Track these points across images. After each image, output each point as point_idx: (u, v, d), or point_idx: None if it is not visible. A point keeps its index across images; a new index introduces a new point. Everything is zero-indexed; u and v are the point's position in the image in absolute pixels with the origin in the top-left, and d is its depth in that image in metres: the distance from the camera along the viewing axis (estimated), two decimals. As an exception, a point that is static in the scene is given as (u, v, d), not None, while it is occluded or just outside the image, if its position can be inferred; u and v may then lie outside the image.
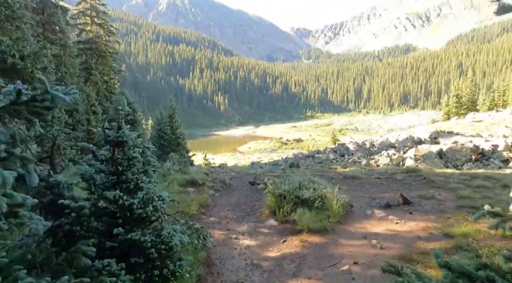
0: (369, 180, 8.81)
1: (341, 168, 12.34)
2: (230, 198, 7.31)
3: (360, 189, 7.58)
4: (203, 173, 9.87)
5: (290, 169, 14.03)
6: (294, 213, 5.09)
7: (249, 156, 60.00)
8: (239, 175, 12.89)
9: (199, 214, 5.50)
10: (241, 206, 6.50)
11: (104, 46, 22.62)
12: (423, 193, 6.47)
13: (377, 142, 23.01)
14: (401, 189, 7.15)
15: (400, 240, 4.38)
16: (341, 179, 9.27)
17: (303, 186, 5.42)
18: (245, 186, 8.86)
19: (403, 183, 8.02)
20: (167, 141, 21.35)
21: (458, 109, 56.36)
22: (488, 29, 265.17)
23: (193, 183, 7.78)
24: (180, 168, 8.48)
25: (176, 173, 8.03)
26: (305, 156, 23.23)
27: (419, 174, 9.35)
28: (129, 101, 16.71)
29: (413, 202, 5.85)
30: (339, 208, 4.94)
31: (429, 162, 13.24)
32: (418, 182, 8.05)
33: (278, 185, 5.55)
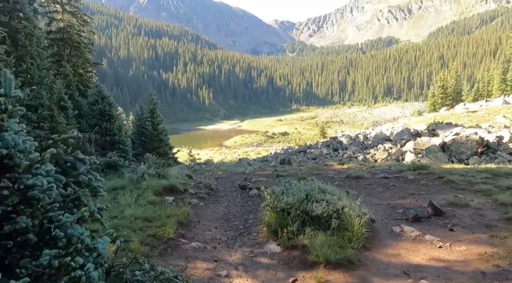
0: (376, 180, 7.66)
1: (338, 165, 11.23)
2: (218, 208, 6.01)
3: (371, 193, 6.42)
4: (185, 175, 8.54)
5: (282, 166, 12.84)
6: (302, 235, 3.87)
7: (236, 150, 58.78)
8: (226, 174, 11.62)
9: (177, 238, 4.20)
10: (231, 220, 5.23)
11: (78, 36, 20.82)
12: (449, 198, 5.36)
13: (371, 135, 21.94)
14: (421, 193, 6.04)
15: (458, 278, 3.14)
16: (343, 179, 8.13)
17: (311, 197, 4.19)
18: (235, 191, 7.59)
19: (418, 184, 6.91)
20: (148, 137, 19.83)
21: (444, 100, 56.40)
22: (468, 21, 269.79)
23: (172, 190, 6.46)
24: (158, 171, 7.14)
25: (151, 179, 6.70)
26: (296, 151, 22.03)
27: (430, 172, 8.28)
28: (105, 95, 15.14)
29: (445, 212, 4.73)
30: (362, 228, 3.75)
31: (432, 156, 12.27)
32: (435, 183, 6.95)
33: (279, 195, 4.32)
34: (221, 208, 6.00)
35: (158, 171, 7.14)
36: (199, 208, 5.83)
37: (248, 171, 11.27)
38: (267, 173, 10.78)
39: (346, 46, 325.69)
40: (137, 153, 19.45)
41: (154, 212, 4.95)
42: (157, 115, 20.37)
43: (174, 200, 6.02)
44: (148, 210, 5.03)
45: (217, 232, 4.67)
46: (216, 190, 7.36)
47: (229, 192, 7.55)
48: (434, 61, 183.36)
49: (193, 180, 8.13)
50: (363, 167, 10.16)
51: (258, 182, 8.70)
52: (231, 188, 7.97)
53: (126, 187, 6.40)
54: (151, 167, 7.24)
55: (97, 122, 14.63)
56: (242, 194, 7.18)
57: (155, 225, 4.44)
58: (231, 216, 5.49)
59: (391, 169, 9.26)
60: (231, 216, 5.49)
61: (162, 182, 6.56)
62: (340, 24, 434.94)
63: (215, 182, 8.84)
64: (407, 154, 13.69)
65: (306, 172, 9.95)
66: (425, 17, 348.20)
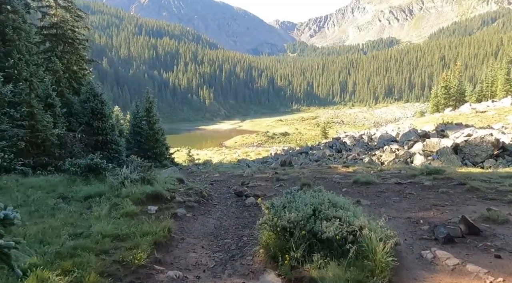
0: (389, 187, 6.79)
1: (343, 168, 10.38)
2: (208, 220, 5.13)
3: (385, 202, 5.55)
4: (176, 179, 7.70)
5: (282, 168, 12.01)
6: (309, 263, 3.01)
7: (236, 150, 58.04)
8: (223, 177, 10.78)
9: (151, 265, 3.32)
10: (222, 237, 4.35)
11: (72, 32, 19.99)
12: (482, 211, 4.50)
13: (376, 135, 20.92)
14: (444, 204, 5.18)
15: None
16: (350, 185, 7.27)
17: (320, 213, 3.35)
18: (230, 198, 6.74)
19: (438, 192, 6.04)
20: (144, 137, 19.03)
21: (447, 100, 55.65)
22: (469, 22, 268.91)
23: (156, 198, 5.60)
24: (143, 175, 6.29)
25: (134, 185, 5.84)
26: (297, 152, 21.07)
27: (447, 177, 7.43)
28: (97, 93, 14.31)
29: (482, 229, 3.89)
30: (387, 256, 2.89)
31: (444, 159, 11.40)
32: (457, 191, 6.08)
33: (280, 210, 3.47)
34: (212, 220, 5.14)
35: (143, 176, 6.29)
36: (185, 221, 4.98)
37: (246, 173, 10.43)
38: (266, 176, 9.95)
39: (347, 47, 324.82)
40: (132, 154, 18.62)
41: (129, 228, 4.09)
42: (153, 114, 19.56)
43: (158, 211, 5.18)
44: (121, 225, 4.17)
45: (204, 253, 3.81)
46: (209, 198, 6.50)
47: (223, 199, 6.70)
48: (435, 62, 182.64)
49: (184, 185, 7.29)
50: (370, 170, 9.33)
51: (256, 187, 7.85)
52: (226, 195, 7.12)
53: (104, 195, 5.56)
54: (135, 171, 6.40)
55: (88, 121, 13.83)
56: (238, 202, 6.34)
57: (126, 246, 3.59)
58: (222, 231, 4.64)
59: (401, 173, 8.42)
60: (222, 231, 4.64)
61: (146, 188, 5.70)
62: (341, 24, 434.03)
63: (209, 188, 8.00)
64: (416, 157, 12.84)
65: (309, 175, 9.11)
66: (426, 18, 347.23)
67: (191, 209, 5.60)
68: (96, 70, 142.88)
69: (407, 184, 6.87)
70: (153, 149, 18.88)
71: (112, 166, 7.28)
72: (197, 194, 6.33)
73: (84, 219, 4.50)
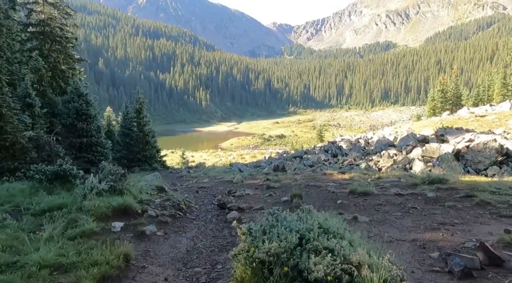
0: (389, 198, 6.11)
1: (339, 174, 9.73)
2: (181, 240, 4.36)
3: (385, 218, 4.85)
4: (155, 188, 6.98)
5: (275, 174, 11.33)
6: (292, 312, 2.34)
7: (231, 153, 57.36)
8: (211, 183, 10.09)
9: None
10: (193, 264, 3.58)
11: (60, 30, 19.25)
12: (498, 231, 3.83)
13: (373, 139, 20.19)
14: (454, 222, 4.48)
15: None
16: (346, 196, 6.59)
17: (308, 242, 2.66)
18: (212, 211, 6.02)
19: (445, 207, 5.37)
20: (133, 139, 18.28)
21: (443, 104, 55.40)
22: (465, 26, 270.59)
23: (124, 213, 4.91)
24: (113, 185, 5.55)
25: (98, 197, 5.10)
26: (291, 156, 20.32)
27: (452, 187, 6.79)
28: (82, 92, 13.56)
29: (504, 259, 3.23)
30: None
31: (445, 166, 10.77)
32: (466, 205, 5.41)
33: (259, 237, 2.77)
34: (185, 240, 4.43)
35: (114, 185, 5.57)
36: (153, 241, 4.24)
37: (236, 180, 9.75)
38: (257, 183, 9.28)
39: (344, 50, 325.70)
40: (121, 156, 17.95)
41: (78, 254, 3.37)
42: (143, 115, 18.82)
43: (123, 228, 4.47)
44: (70, 250, 3.43)
45: (166, 289, 3.12)
46: (187, 210, 5.79)
47: (203, 212, 5.97)
48: (432, 66, 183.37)
49: (162, 195, 6.56)
50: (367, 178, 8.68)
51: (244, 197, 7.18)
52: (208, 206, 6.42)
53: (65, 208, 4.83)
54: (105, 180, 5.68)
55: (72, 122, 13.09)
56: (219, 216, 5.66)
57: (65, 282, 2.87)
58: (194, 255, 3.89)
59: (401, 182, 7.78)
60: (194, 255, 3.89)
61: (114, 200, 4.97)
62: (338, 27, 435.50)
63: (192, 197, 7.31)
64: (415, 163, 12.20)
65: (302, 183, 8.45)
66: (423, 22, 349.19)
67: (163, 226, 4.93)
68: (92, 71, 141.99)
69: (408, 196, 6.21)
70: (143, 152, 18.16)
71: (82, 174, 6.55)
72: (174, 207, 5.61)
73: (31, 240, 3.76)
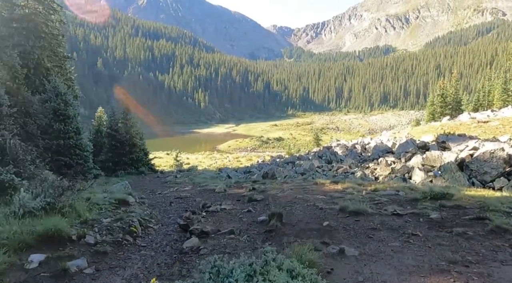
0: (385, 221, 5.22)
1: (331, 184, 8.95)
2: (113, 281, 3.54)
3: (380, 251, 3.89)
4: (115, 202, 6.05)
5: (263, 181, 10.57)
6: None
7: (227, 155, 56.61)
8: (192, 192, 9.35)
9: None
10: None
11: (45, 26, 18.42)
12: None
13: (370, 145, 19.20)
14: (466, 258, 3.62)
15: None
16: (335, 215, 5.64)
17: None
18: (171, 234, 5.11)
19: (453, 235, 4.48)
20: (119, 141, 17.46)
21: (443, 108, 54.70)
22: (464, 32, 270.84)
23: (52, 240, 3.97)
24: (51, 202, 4.57)
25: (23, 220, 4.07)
26: (284, 162, 19.38)
27: (458, 205, 5.97)
28: (60, 91, 12.77)
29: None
30: None
31: (448, 176, 9.94)
32: (479, 232, 4.51)
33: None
34: (120, 281, 3.53)
35: (52, 202, 4.63)
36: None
37: (218, 189, 8.98)
38: (240, 193, 8.51)
39: (344, 53, 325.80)
40: (107, 159, 17.13)
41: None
42: (131, 116, 18.00)
43: (43, 263, 3.55)
44: None
45: None
46: (141, 233, 4.93)
47: (161, 236, 5.12)
48: (431, 70, 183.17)
49: (120, 211, 5.70)
50: (362, 189, 7.90)
51: (217, 214, 6.27)
52: (170, 227, 5.52)
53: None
54: (42, 195, 4.78)
55: (49, 123, 12.29)
56: (177, 243, 4.70)
57: None
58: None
59: (400, 196, 7.00)
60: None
61: (44, 223, 4.17)
62: (338, 31, 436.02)
63: (159, 211, 6.55)
64: (415, 172, 11.42)
65: (289, 194, 7.68)
66: (422, 27, 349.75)
67: (99, 258, 3.96)
68: (91, 71, 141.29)
69: (408, 217, 5.39)
70: (130, 155, 17.36)
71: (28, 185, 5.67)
72: (124, 229, 4.69)
73: None
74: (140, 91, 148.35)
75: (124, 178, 15.09)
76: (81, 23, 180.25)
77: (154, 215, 6.10)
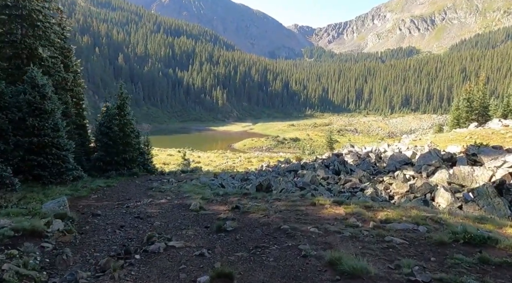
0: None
1: (332, 206, 7.20)
2: None
3: None
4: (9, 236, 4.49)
5: (253, 196, 9.02)
6: None
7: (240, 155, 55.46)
8: (162, 208, 7.88)
9: None
10: None
11: (38, 13, 17.36)
12: None
13: (386, 154, 17.33)
14: None
15: None
16: (320, 276, 3.85)
17: None
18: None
19: None
20: (112, 139, 16.23)
21: (469, 114, 51.53)
22: (493, 34, 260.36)
23: None
24: None
25: None
26: (286, 170, 17.34)
27: (507, 262, 4.14)
28: (37, 83, 11.56)
29: None
30: None
31: (483, 203, 7.99)
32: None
33: None
34: None
35: None
36: None
37: (193, 206, 7.47)
38: (217, 213, 7.03)
39: (365, 54, 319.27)
40: (98, 158, 15.94)
41: None
42: (126, 113, 16.76)
43: None
44: None
45: None
46: None
47: None
48: (456, 74, 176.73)
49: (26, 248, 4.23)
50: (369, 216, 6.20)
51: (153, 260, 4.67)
52: None
53: None
54: None
55: (23, 117, 11.09)
56: None
57: None
58: None
59: (419, 233, 5.25)
60: None
61: None
62: (360, 31, 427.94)
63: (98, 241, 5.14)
64: (439, 192, 9.50)
65: (274, 221, 6.10)
66: (448, 29, 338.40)
67: None
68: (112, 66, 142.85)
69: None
70: (123, 154, 16.12)
71: None
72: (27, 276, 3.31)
73: None
74: (159, 86, 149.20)
75: (113, 180, 13.88)
76: (105, 18, 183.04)
77: (61, 261, 4.43)
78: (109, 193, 10.53)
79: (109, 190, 11.11)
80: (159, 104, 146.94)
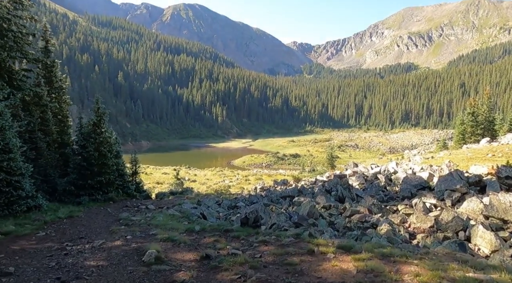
0: None
1: (337, 255, 5.19)
2: None
3: None
4: None
5: (236, 235, 7.13)
6: None
7: (238, 172, 53.59)
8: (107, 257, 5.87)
9: None
10: None
11: (7, 21, 15.82)
12: None
13: (398, 176, 14.93)
14: None
15: None
16: None
17: None
18: None
19: None
20: (87, 160, 14.41)
21: (474, 128, 49.71)
22: (490, 50, 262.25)
23: None
24: None
25: None
26: (280, 195, 14.99)
27: None
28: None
29: None
30: None
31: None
32: None
33: None
34: None
35: None
36: None
37: (148, 255, 5.50)
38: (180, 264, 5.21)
39: (364, 70, 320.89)
40: (69, 181, 14.09)
41: None
42: (103, 130, 15.01)
43: None
44: None
45: None
46: None
47: None
48: (455, 89, 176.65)
49: None
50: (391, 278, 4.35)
51: None
52: None
53: None
54: None
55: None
56: None
57: None
58: None
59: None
60: None
61: None
62: (359, 48, 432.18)
63: None
64: (477, 231, 7.41)
65: None
66: (446, 45, 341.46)
67: None
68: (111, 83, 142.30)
69: None
70: (98, 177, 14.29)
71: None
72: None
73: None
74: (159, 104, 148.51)
75: (82, 207, 12.04)
76: (105, 37, 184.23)
77: None
78: (64, 227, 8.71)
79: (68, 223, 9.28)
80: (158, 121, 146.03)
